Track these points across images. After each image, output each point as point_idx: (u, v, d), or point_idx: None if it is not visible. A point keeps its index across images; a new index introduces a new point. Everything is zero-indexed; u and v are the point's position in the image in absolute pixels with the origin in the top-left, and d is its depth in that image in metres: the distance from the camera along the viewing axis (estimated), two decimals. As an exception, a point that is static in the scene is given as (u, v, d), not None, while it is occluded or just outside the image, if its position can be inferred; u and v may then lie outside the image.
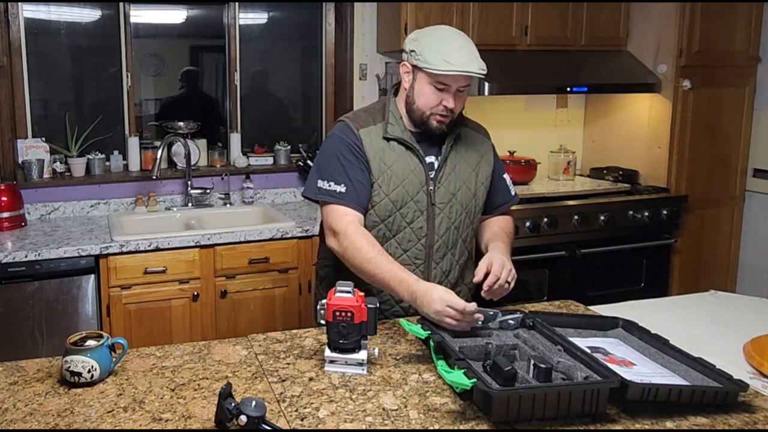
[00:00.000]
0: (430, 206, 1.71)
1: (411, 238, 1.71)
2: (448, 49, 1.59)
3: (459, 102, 1.65)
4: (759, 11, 3.47)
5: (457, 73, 1.57)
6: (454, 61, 1.57)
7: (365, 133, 1.69)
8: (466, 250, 1.80)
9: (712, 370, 1.27)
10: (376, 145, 1.69)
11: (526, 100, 3.77)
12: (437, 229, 1.71)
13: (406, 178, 1.69)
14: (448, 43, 1.60)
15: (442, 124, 1.67)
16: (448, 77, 1.59)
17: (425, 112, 1.66)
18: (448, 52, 1.58)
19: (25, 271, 2.45)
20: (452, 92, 1.62)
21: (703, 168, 3.49)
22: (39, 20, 3.06)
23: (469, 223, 1.78)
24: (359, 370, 1.37)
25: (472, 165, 1.77)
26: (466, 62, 1.57)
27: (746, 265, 3.64)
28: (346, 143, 1.68)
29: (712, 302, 1.91)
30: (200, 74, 3.47)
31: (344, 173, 1.66)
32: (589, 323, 1.54)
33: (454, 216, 1.73)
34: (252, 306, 2.75)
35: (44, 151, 3.01)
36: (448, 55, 1.58)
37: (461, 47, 1.60)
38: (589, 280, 3.21)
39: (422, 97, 1.65)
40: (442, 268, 1.75)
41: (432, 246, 1.72)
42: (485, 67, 1.61)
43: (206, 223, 3.00)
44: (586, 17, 3.44)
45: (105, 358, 1.35)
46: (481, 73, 1.59)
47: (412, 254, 1.71)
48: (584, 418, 1.17)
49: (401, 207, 1.69)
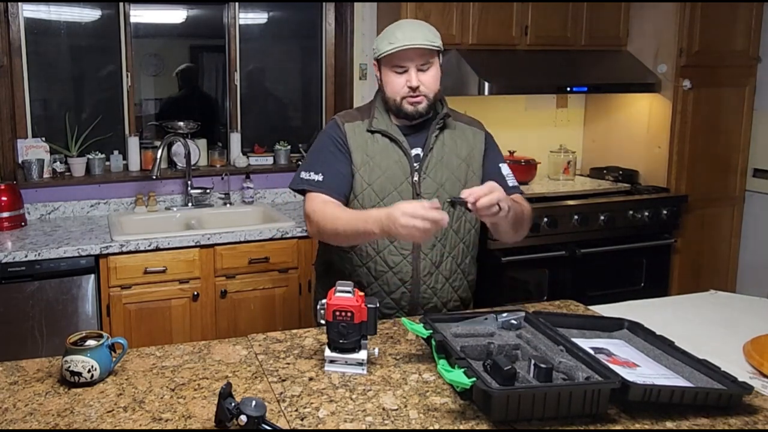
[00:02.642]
0: (415, 196, 1.72)
1: None
2: (394, 31, 1.68)
3: (426, 79, 1.69)
4: (759, 11, 3.47)
5: (399, 48, 1.64)
6: (397, 39, 1.65)
7: (350, 127, 1.77)
8: (461, 242, 1.79)
9: (717, 372, 1.26)
10: (360, 137, 1.75)
11: (526, 100, 3.77)
12: None
13: (388, 169, 1.72)
14: (396, 28, 1.70)
15: (416, 106, 1.70)
16: (398, 55, 1.65)
17: (396, 99, 1.71)
18: (393, 34, 1.67)
19: (25, 271, 2.45)
20: (413, 72, 1.67)
21: (703, 168, 3.49)
22: (39, 20, 3.06)
23: (461, 216, 1.77)
24: (359, 370, 1.37)
25: (462, 156, 1.78)
26: (410, 37, 1.65)
27: (746, 265, 3.64)
28: (331, 136, 1.77)
29: (712, 302, 1.91)
30: (198, 71, 3.46)
31: (324, 164, 1.74)
32: (593, 324, 1.54)
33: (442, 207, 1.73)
34: (252, 306, 2.75)
35: (44, 151, 3.01)
36: (393, 36, 1.67)
37: (407, 27, 1.69)
38: (589, 280, 3.20)
39: (389, 85, 1.72)
40: (432, 259, 1.75)
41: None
42: (435, 39, 1.68)
43: (206, 223, 3.00)
44: (586, 17, 3.44)
45: (105, 358, 1.35)
46: (424, 45, 1.65)
47: (399, 244, 1.73)
48: (584, 419, 1.17)
49: (385, 197, 1.72)
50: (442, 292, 1.78)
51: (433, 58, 1.70)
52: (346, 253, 1.79)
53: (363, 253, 1.76)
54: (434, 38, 1.68)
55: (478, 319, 1.50)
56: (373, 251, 1.75)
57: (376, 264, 1.75)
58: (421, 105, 1.70)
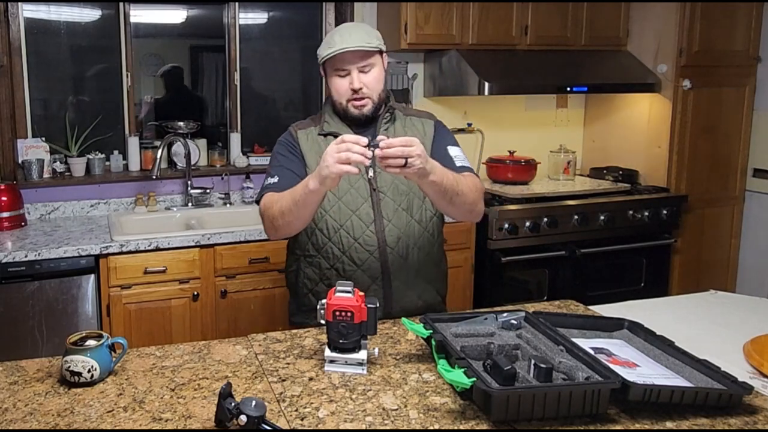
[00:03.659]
0: (372, 192, 1.74)
1: (359, 225, 1.73)
2: (333, 35, 1.71)
3: (368, 80, 1.71)
4: (759, 11, 3.47)
5: (337, 51, 1.66)
6: (335, 43, 1.67)
7: (302, 134, 1.81)
8: (424, 231, 1.78)
9: (717, 372, 1.26)
10: (312, 142, 1.79)
11: (526, 100, 3.77)
12: (384, 213, 1.74)
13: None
14: (334, 32, 1.72)
15: (361, 108, 1.73)
16: (338, 58, 1.67)
17: (342, 102, 1.74)
18: (332, 38, 1.70)
19: (25, 271, 2.44)
20: (355, 74, 1.69)
21: (703, 168, 3.49)
22: (39, 20, 3.06)
23: (421, 204, 1.77)
24: (359, 370, 1.37)
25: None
26: (347, 41, 1.66)
27: (746, 265, 3.65)
28: (283, 143, 1.83)
29: (712, 302, 1.91)
30: (184, 72, 3.42)
31: (278, 167, 1.78)
32: (593, 324, 1.54)
33: (400, 198, 1.75)
34: (252, 306, 2.75)
35: (44, 151, 3.01)
36: (332, 41, 1.69)
37: (345, 31, 1.71)
38: (589, 280, 3.21)
39: (334, 89, 1.75)
40: (398, 252, 1.75)
41: (383, 231, 1.73)
42: (372, 40, 1.69)
43: (206, 223, 3.00)
44: (586, 17, 3.44)
45: (105, 357, 1.35)
46: (361, 46, 1.66)
47: (362, 241, 1.73)
48: (584, 419, 1.17)
49: (342, 196, 1.73)
50: (415, 284, 1.78)
51: (374, 59, 1.71)
52: (314, 257, 1.78)
53: (330, 255, 1.75)
54: (372, 39, 1.69)
55: (478, 319, 1.50)
56: (339, 251, 1.74)
57: (343, 264, 1.75)
58: (366, 108, 1.73)
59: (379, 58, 1.73)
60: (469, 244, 3.05)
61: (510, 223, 3.01)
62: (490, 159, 3.49)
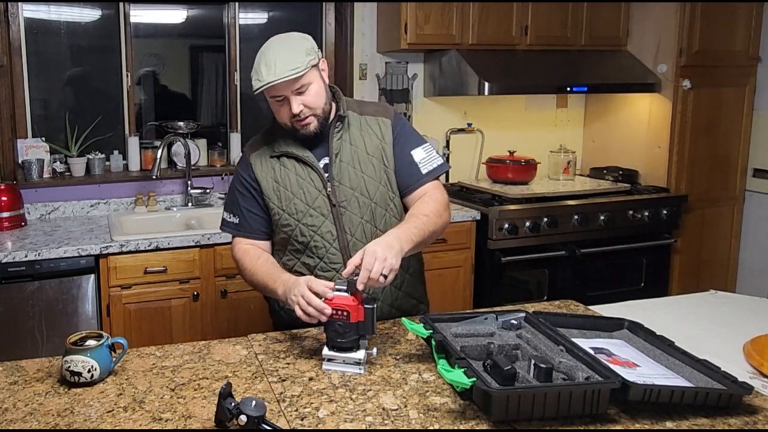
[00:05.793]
0: (332, 208, 1.66)
1: (322, 244, 1.67)
2: (260, 65, 1.57)
3: (308, 100, 1.60)
4: (759, 11, 3.47)
5: (264, 86, 1.55)
6: (263, 76, 1.55)
7: (255, 158, 1.74)
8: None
9: (717, 372, 1.26)
10: (266, 165, 1.71)
11: (526, 100, 3.77)
12: (347, 228, 1.67)
13: (300, 189, 1.67)
14: (260, 60, 1.58)
15: (308, 126, 1.63)
16: (269, 89, 1.56)
17: (287, 124, 1.65)
18: (258, 70, 1.57)
19: (25, 271, 2.44)
20: (292, 98, 1.58)
21: (703, 168, 3.49)
22: (39, 20, 3.06)
23: (384, 213, 1.69)
24: (356, 370, 1.37)
25: (371, 151, 1.69)
26: (273, 72, 1.54)
27: (746, 265, 3.65)
28: (239, 174, 1.77)
29: (712, 302, 1.91)
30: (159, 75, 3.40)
31: (237, 205, 1.76)
32: (593, 324, 1.54)
33: (362, 210, 1.67)
34: (252, 306, 2.75)
35: (44, 150, 3.01)
36: (258, 72, 1.57)
37: (270, 58, 1.56)
38: (589, 280, 3.21)
39: (276, 113, 1.67)
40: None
41: (347, 246, 1.66)
42: (300, 64, 1.55)
43: (206, 223, 3.00)
44: (586, 17, 3.44)
45: (105, 357, 1.35)
46: (288, 76, 1.53)
47: (328, 260, 1.67)
48: (584, 419, 1.17)
49: (302, 217, 1.67)
50: (386, 294, 1.72)
51: (308, 77, 1.59)
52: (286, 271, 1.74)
53: (300, 274, 1.66)
54: (298, 62, 1.55)
55: (478, 319, 1.50)
56: (307, 271, 1.69)
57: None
58: (311, 125, 1.63)
59: (314, 72, 1.61)
60: (469, 244, 3.06)
61: (510, 223, 3.01)
62: (490, 159, 3.49)
